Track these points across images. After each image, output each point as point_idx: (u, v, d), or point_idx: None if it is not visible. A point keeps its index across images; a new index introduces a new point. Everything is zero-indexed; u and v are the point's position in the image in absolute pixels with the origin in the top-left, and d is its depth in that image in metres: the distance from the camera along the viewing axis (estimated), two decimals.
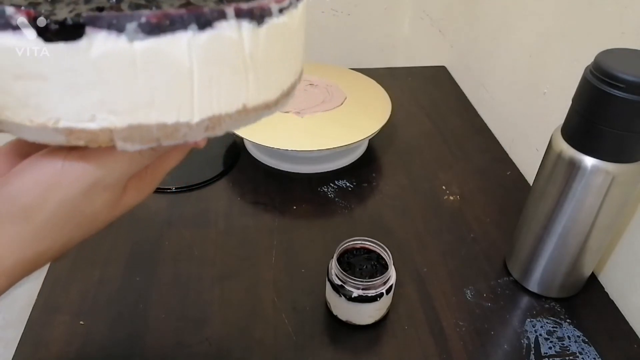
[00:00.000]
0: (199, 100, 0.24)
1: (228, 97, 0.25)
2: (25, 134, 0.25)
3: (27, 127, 0.24)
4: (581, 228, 0.51)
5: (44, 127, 0.24)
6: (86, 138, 0.24)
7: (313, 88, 0.81)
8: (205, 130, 0.25)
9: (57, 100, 0.23)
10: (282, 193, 0.72)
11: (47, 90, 0.23)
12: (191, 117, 0.24)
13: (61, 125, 0.24)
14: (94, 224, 0.30)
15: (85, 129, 0.24)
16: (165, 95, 0.23)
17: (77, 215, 0.28)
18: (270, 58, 0.26)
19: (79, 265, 0.60)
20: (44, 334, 0.52)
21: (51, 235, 0.28)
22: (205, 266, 0.60)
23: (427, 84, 1.01)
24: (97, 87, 0.23)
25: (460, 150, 0.81)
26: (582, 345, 0.53)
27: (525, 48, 0.77)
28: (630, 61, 0.44)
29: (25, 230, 0.27)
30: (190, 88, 0.24)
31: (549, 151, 0.52)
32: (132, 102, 0.23)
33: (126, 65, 0.22)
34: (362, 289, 0.51)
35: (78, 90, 0.23)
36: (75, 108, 0.23)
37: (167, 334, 0.53)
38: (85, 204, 0.28)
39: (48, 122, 0.23)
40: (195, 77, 0.24)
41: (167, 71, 0.23)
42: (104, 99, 0.23)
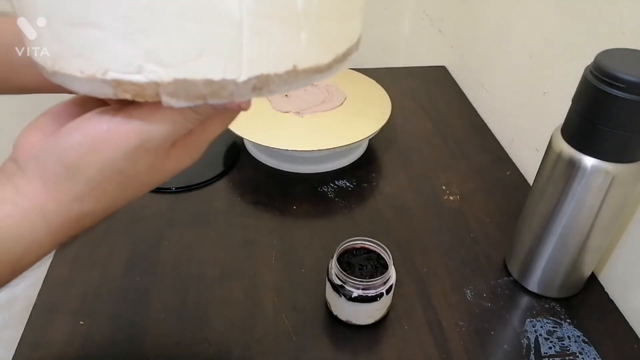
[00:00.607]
0: (248, 55, 0.23)
1: (278, 54, 0.24)
2: (77, 86, 0.25)
3: (77, 77, 0.24)
4: (581, 228, 0.51)
5: (93, 78, 0.24)
6: (133, 91, 0.24)
7: (313, 88, 0.81)
8: (252, 90, 0.24)
9: (107, 49, 0.23)
10: (282, 193, 0.72)
11: (100, 38, 0.23)
12: (239, 75, 0.24)
13: (109, 76, 0.24)
14: (137, 187, 0.30)
15: (133, 81, 0.24)
16: (214, 48, 0.23)
17: (120, 176, 0.28)
18: (325, 15, 0.25)
19: (79, 265, 0.60)
20: (44, 334, 0.52)
21: (95, 195, 0.28)
22: (205, 266, 0.60)
23: (427, 84, 1.01)
24: (147, 36, 0.23)
25: (460, 150, 0.81)
26: (582, 345, 0.53)
27: (525, 48, 0.77)
28: (630, 61, 0.44)
29: (71, 188, 0.28)
30: (239, 42, 0.23)
31: (549, 151, 0.52)
32: (180, 53, 0.23)
33: (177, 13, 0.22)
34: (362, 289, 0.51)
35: (128, 38, 0.23)
36: (124, 58, 0.23)
37: (167, 334, 0.53)
38: (128, 165, 0.28)
39: (97, 72, 0.24)
40: (245, 30, 0.23)
41: (216, 21, 0.22)
42: (152, 49, 0.23)
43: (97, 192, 0.29)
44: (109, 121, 0.27)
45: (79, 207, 0.29)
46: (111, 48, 0.23)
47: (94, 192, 0.28)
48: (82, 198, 0.28)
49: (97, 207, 0.29)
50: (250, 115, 0.76)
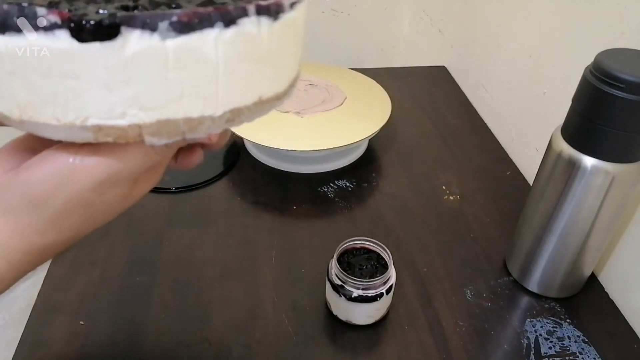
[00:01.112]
0: (223, 93, 0.25)
1: (247, 89, 0.27)
2: (49, 133, 0.25)
3: (52, 125, 0.24)
4: (581, 228, 0.51)
5: (71, 126, 0.24)
6: (115, 134, 0.25)
7: (313, 88, 0.81)
8: (225, 122, 0.26)
9: (87, 98, 0.23)
10: (282, 193, 0.72)
11: (78, 89, 0.23)
12: (215, 110, 0.25)
13: (90, 122, 0.24)
14: (102, 217, 0.30)
15: (115, 125, 0.24)
16: (193, 90, 0.24)
17: (87, 209, 0.28)
18: (283, 51, 0.28)
19: (79, 265, 0.60)
20: (44, 334, 0.52)
21: (59, 227, 0.28)
22: (205, 266, 0.60)
23: (427, 84, 1.01)
24: (130, 85, 0.23)
25: (460, 150, 0.81)
26: (582, 345, 0.53)
27: (525, 48, 0.77)
28: (630, 61, 0.44)
29: (34, 222, 0.28)
30: (215, 82, 0.25)
31: (549, 151, 0.52)
32: (163, 97, 0.24)
33: (158, 62, 0.23)
34: (362, 289, 0.51)
35: (111, 88, 0.23)
36: (106, 106, 0.24)
37: (167, 334, 0.53)
38: (95, 198, 0.28)
39: (76, 120, 0.24)
40: (220, 72, 0.25)
41: (195, 67, 0.24)
42: (135, 96, 0.24)
43: (62, 225, 0.28)
44: (74, 155, 0.27)
45: (40, 240, 0.28)
46: (92, 97, 0.23)
47: (59, 224, 0.28)
48: (45, 231, 0.28)
49: (60, 238, 0.29)
50: None
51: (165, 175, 0.32)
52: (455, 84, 1.01)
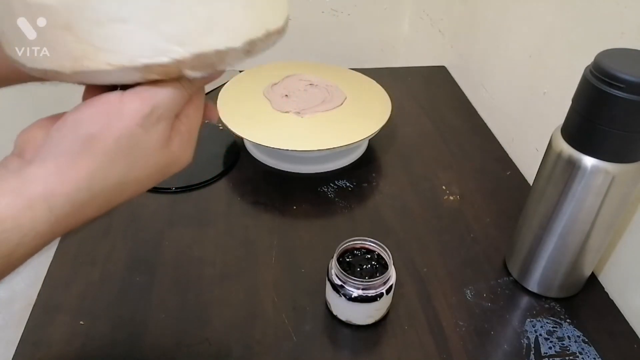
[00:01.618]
0: (241, 26, 0.29)
1: (258, 23, 0.30)
2: (103, 78, 0.28)
3: (105, 71, 0.27)
4: (581, 228, 0.51)
5: (122, 68, 0.27)
6: (159, 71, 0.28)
7: (313, 88, 0.81)
8: (244, 54, 0.30)
9: (135, 39, 0.27)
10: (282, 193, 0.72)
11: (126, 31, 0.26)
12: (236, 42, 0.29)
13: (138, 62, 0.27)
14: (143, 167, 0.31)
15: (159, 62, 0.27)
16: (219, 24, 0.28)
17: (133, 149, 0.29)
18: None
19: (79, 265, 0.60)
20: (44, 334, 0.52)
21: (107, 170, 0.29)
22: (205, 266, 0.60)
23: (427, 84, 1.01)
24: (168, 23, 0.27)
25: (460, 150, 0.81)
26: (582, 345, 0.53)
27: (525, 48, 0.77)
28: (630, 61, 0.44)
29: (84, 164, 0.28)
30: (235, 16, 0.29)
31: (549, 151, 0.52)
32: (195, 32, 0.28)
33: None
34: (362, 289, 0.51)
35: (154, 27, 0.27)
36: (151, 45, 0.27)
37: (167, 334, 0.53)
38: (142, 134, 0.29)
39: (125, 62, 0.27)
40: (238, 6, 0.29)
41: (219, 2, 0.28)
42: (173, 33, 0.27)
43: (109, 166, 0.29)
44: (120, 95, 0.29)
45: (87, 185, 0.28)
46: (138, 38, 0.27)
47: (106, 166, 0.29)
48: (93, 174, 0.28)
49: (104, 186, 0.29)
50: (250, 115, 0.76)
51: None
52: (455, 84, 1.01)
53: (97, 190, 0.29)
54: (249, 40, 0.30)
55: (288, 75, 0.83)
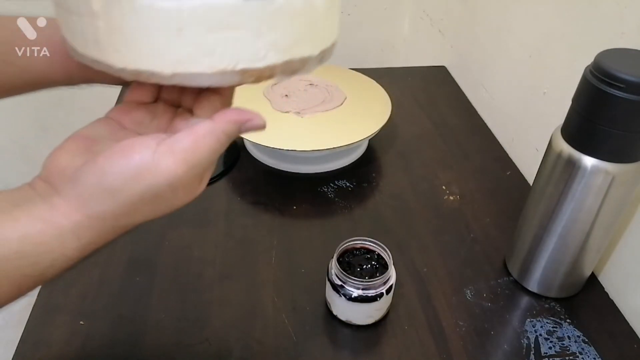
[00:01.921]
0: (321, 36, 0.32)
1: (330, 34, 0.33)
2: (200, 81, 0.29)
3: (206, 74, 0.29)
4: (581, 228, 0.51)
5: (223, 72, 0.29)
6: (255, 75, 0.30)
7: (313, 88, 0.81)
8: (318, 62, 0.33)
9: (241, 46, 0.29)
10: (282, 193, 0.72)
11: (236, 38, 0.28)
12: (315, 51, 0.32)
13: (239, 67, 0.29)
14: (169, 208, 0.31)
15: (256, 67, 0.30)
16: (308, 34, 0.31)
17: (159, 201, 0.30)
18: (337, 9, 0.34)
19: (79, 266, 0.59)
20: (44, 334, 0.52)
21: (130, 214, 0.30)
22: (205, 266, 0.60)
23: (427, 84, 1.01)
24: (273, 31, 0.29)
25: (460, 150, 0.81)
26: (582, 345, 0.53)
27: (525, 48, 0.77)
28: (630, 61, 0.44)
29: (107, 210, 0.29)
30: (319, 27, 0.32)
31: (549, 151, 0.52)
32: (291, 41, 0.30)
33: (294, 10, 0.29)
34: (362, 289, 0.51)
35: (260, 35, 0.29)
36: (253, 51, 0.29)
37: (167, 334, 0.53)
38: (169, 191, 0.29)
39: (227, 66, 0.29)
40: (321, 18, 0.31)
41: (312, 14, 0.30)
42: (275, 41, 0.29)
43: (133, 213, 0.30)
44: (154, 150, 0.28)
45: (111, 224, 0.30)
46: (244, 44, 0.29)
47: (130, 212, 0.30)
48: (117, 217, 0.29)
49: (128, 223, 0.30)
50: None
51: None
52: (455, 84, 1.01)
53: (121, 226, 0.30)
54: (323, 49, 0.33)
55: None
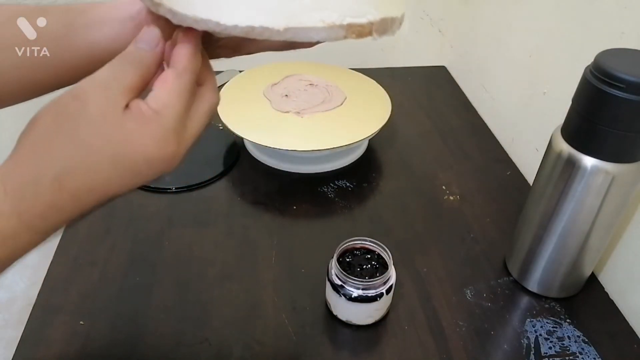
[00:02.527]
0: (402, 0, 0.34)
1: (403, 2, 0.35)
2: (309, 35, 0.30)
3: (316, 28, 0.30)
4: (581, 228, 0.51)
5: (332, 26, 0.30)
6: (356, 31, 0.32)
7: (313, 88, 0.81)
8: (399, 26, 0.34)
9: (348, 1, 0.31)
10: (282, 193, 0.72)
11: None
12: (399, 13, 0.34)
13: (346, 21, 0.30)
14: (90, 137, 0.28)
15: (359, 23, 0.31)
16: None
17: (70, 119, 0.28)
18: None
19: (79, 265, 0.60)
20: (44, 334, 0.52)
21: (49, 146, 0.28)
22: (205, 266, 0.60)
23: (427, 84, 1.01)
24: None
25: (460, 150, 0.81)
26: (582, 345, 0.53)
27: (525, 48, 0.77)
28: (630, 61, 0.44)
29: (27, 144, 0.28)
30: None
31: (549, 151, 0.52)
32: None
33: None
34: (362, 289, 0.51)
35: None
36: (359, 6, 0.31)
37: (167, 334, 0.53)
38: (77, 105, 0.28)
39: (336, 21, 0.30)
40: None
41: None
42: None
43: (49, 142, 0.28)
44: None
45: (32, 162, 0.27)
46: (350, 0, 0.31)
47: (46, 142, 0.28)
48: (35, 149, 0.28)
49: (49, 163, 0.27)
50: (250, 115, 0.76)
51: (165, 175, 0.31)
52: (455, 84, 1.01)
53: (43, 168, 0.27)
54: (402, 13, 0.34)
55: (288, 75, 0.83)
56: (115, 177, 0.28)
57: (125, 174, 0.29)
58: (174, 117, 0.29)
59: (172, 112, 0.29)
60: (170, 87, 0.29)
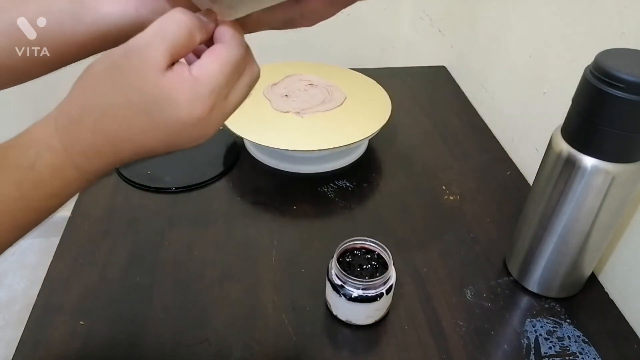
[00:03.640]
0: None
1: None
2: None
3: None
4: (581, 228, 0.51)
5: None
6: None
7: (313, 88, 0.81)
8: None
9: None
10: (282, 193, 0.72)
11: None
12: None
13: None
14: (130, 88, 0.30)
15: None
16: None
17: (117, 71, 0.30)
18: None
19: (79, 265, 0.60)
20: (44, 334, 0.52)
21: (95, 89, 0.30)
22: (205, 266, 0.60)
23: (427, 84, 1.01)
24: None
25: (460, 150, 0.81)
26: (582, 345, 0.53)
27: (525, 48, 0.77)
28: (630, 61, 0.44)
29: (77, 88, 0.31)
30: None
31: (549, 151, 0.52)
32: None
33: None
34: (362, 289, 0.51)
35: None
36: None
37: (167, 334, 0.53)
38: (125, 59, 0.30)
39: None
40: None
41: None
42: None
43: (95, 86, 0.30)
44: None
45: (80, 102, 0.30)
46: None
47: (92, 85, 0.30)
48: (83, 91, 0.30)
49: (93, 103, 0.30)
50: (250, 115, 0.76)
51: (164, 176, 0.32)
52: (455, 84, 1.01)
53: (87, 109, 0.30)
54: None
55: (288, 75, 0.83)
56: (150, 130, 0.30)
57: (160, 131, 0.30)
58: (212, 85, 0.30)
59: (210, 81, 0.30)
60: (215, 57, 0.30)
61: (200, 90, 0.30)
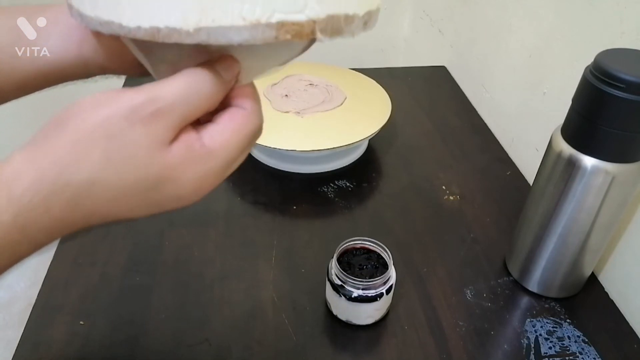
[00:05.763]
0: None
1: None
2: (232, 35, 0.25)
3: (236, 27, 0.24)
4: (581, 228, 0.51)
5: (257, 24, 0.25)
6: (293, 31, 0.25)
7: (313, 88, 0.81)
8: (363, 26, 0.30)
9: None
10: (282, 193, 0.72)
11: None
12: (361, 10, 0.29)
13: (274, 19, 0.25)
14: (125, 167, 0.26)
15: (295, 20, 0.25)
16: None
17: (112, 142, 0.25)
18: None
19: (79, 266, 0.60)
20: (44, 334, 0.52)
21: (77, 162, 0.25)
22: (205, 266, 0.60)
23: (427, 84, 1.01)
24: None
25: (460, 150, 0.81)
26: (582, 345, 0.53)
27: (525, 48, 0.77)
28: (630, 61, 0.44)
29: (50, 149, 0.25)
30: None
31: (549, 151, 0.52)
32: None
33: None
34: (362, 289, 0.51)
35: None
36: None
37: (167, 334, 0.53)
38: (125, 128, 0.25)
39: (262, 17, 0.25)
40: None
41: None
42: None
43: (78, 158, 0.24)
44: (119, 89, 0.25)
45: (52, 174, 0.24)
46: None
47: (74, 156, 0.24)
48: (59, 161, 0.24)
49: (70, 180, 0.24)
50: None
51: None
52: (455, 84, 1.01)
53: (63, 183, 0.24)
54: (369, 10, 0.30)
55: (288, 75, 0.83)
56: (138, 207, 0.26)
57: (150, 207, 0.26)
58: (228, 159, 0.26)
59: (225, 155, 0.26)
60: (237, 127, 0.26)
61: (212, 166, 0.26)
